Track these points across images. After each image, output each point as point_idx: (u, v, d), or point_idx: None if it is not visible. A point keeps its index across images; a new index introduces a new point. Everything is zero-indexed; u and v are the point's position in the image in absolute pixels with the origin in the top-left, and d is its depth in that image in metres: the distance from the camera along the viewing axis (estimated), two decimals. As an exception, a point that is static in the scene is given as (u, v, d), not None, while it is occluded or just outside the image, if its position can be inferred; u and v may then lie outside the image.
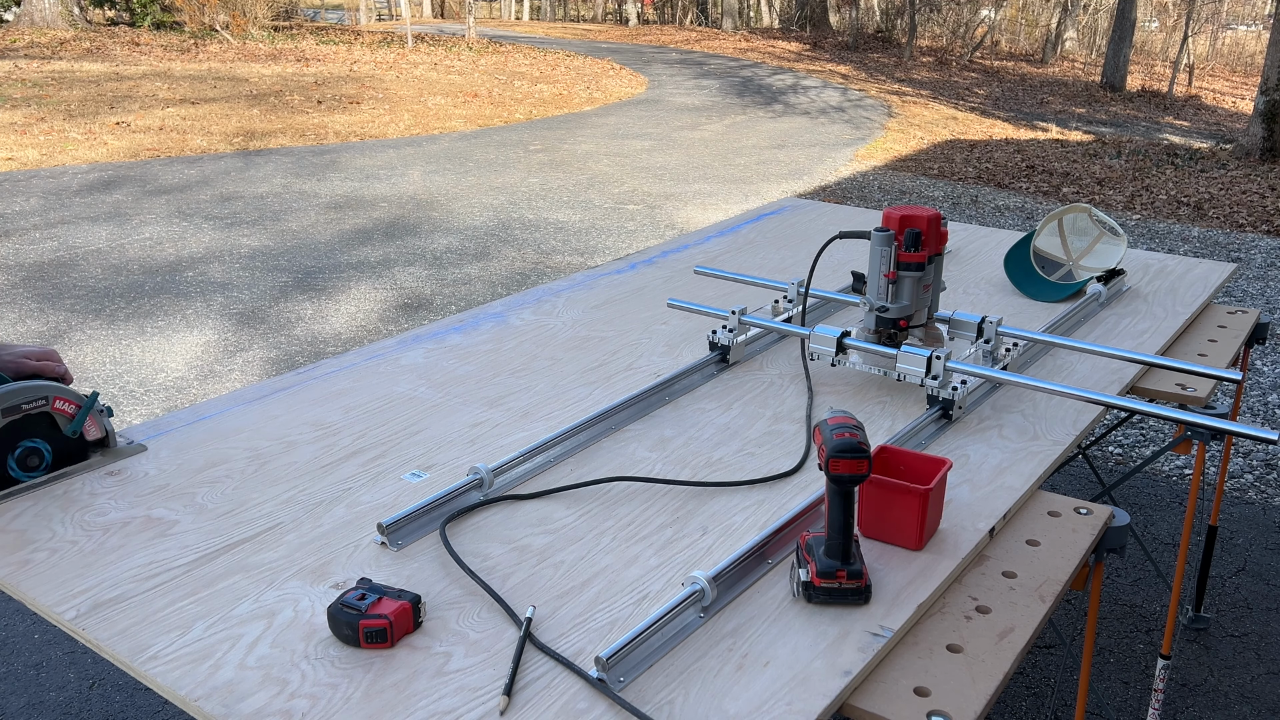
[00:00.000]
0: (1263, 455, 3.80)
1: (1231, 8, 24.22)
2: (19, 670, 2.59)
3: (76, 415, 1.62)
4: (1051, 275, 2.46)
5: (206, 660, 1.13)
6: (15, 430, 1.54)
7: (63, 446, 1.62)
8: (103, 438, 1.67)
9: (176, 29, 19.08)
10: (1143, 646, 2.70)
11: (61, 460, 1.62)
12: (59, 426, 1.61)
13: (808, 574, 1.22)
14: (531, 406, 1.80)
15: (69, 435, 1.61)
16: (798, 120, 12.64)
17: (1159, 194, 8.66)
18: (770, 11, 29.62)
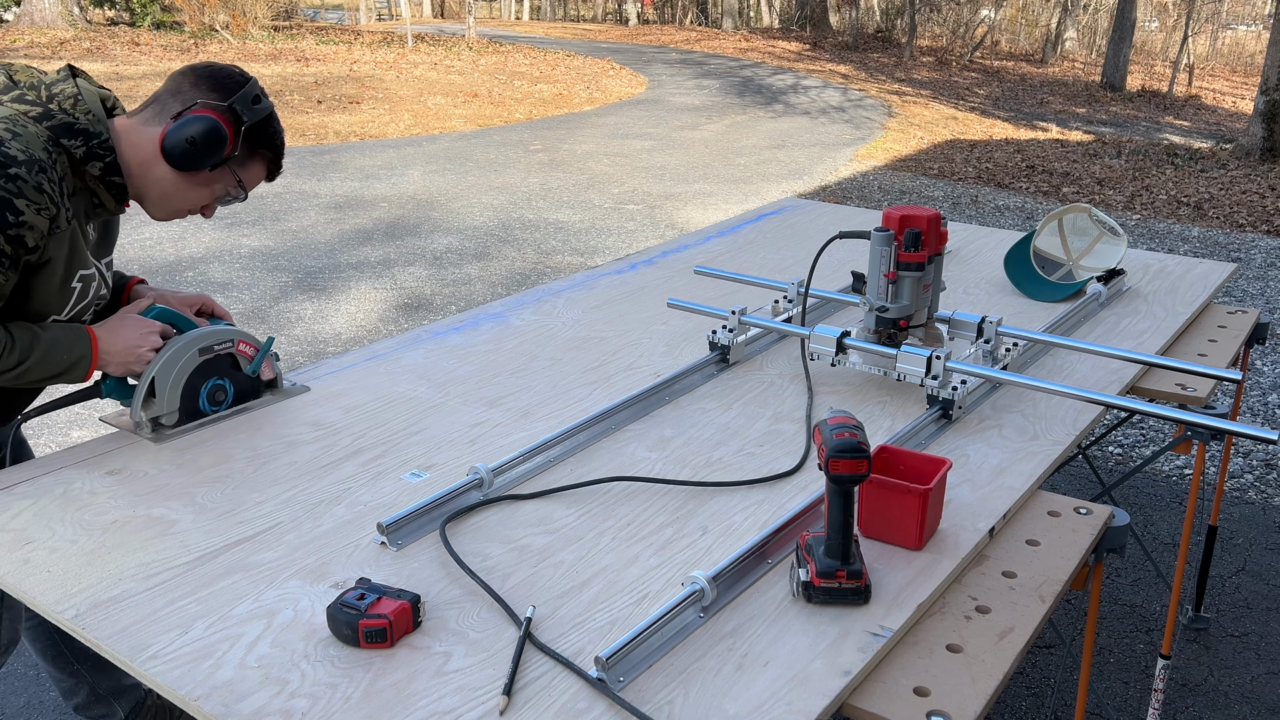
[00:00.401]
0: (1263, 455, 3.80)
1: (1231, 8, 24.24)
2: (19, 670, 2.58)
3: (255, 357, 1.82)
4: (1051, 275, 2.47)
5: (206, 659, 1.14)
6: (207, 368, 1.74)
7: (242, 385, 1.81)
8: (273, 379, 1.87)
9: (176, 29, 19.09)
10: (1143, 646, 2.70)
11: (240, 397, 1.81)
12: (239, 367, 1.80)
13: (807, 574, 1.22)
14: (531, 406, 1.80)
15: (249, 375, 1.81)
16: (798, 120, 12.64)
17: (1159, 194, 8.67)
18: (770, 11, 29.63)
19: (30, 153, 1.46)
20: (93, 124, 1.56)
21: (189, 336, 1.70)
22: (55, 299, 1.59)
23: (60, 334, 1.58)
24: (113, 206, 1.64)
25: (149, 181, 1.63)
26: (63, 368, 1.58)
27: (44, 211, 1.47)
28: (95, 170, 1.57)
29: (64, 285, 1.60)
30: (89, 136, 1.55)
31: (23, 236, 1.46)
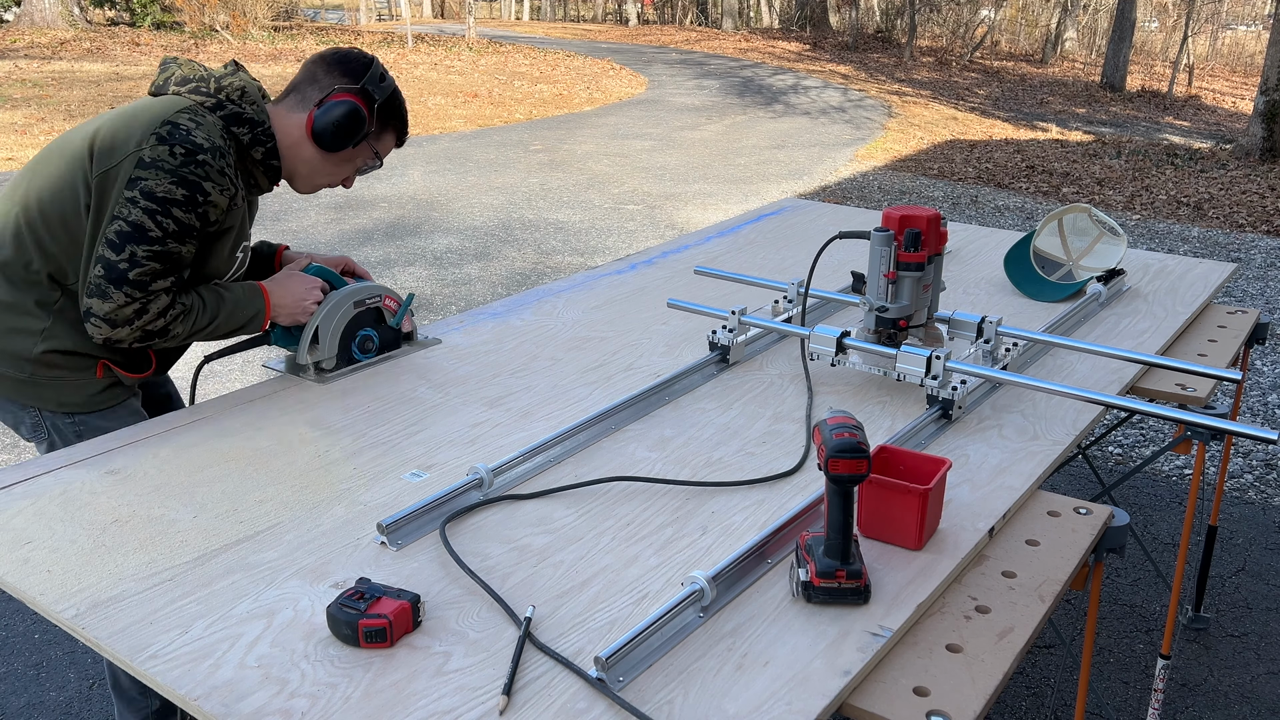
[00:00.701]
0: (1263, 455, 3.80)
1: (1231, 8, 24.23)
2: (19, 670, 2.59)
3: (398, 311, 2.04)
4: (1051, 275, 2.47)
5: (206, 659, 1.14)
6: (359, 319, 1.97)
7: (386, 335, 2.03)
8: (410, 332, 2.08)
9: (177, 29, 19.09)
10: (1143, 646, 2.70)
11: (384, 346, 2.04)
12: (384, 319, 2.02)
13: (807, 574, 1.22)
14: (531, 406, 1.80)
15: (392, 326, 2.04)
16: (798, 120, 12.64)
17: (1159, 194, 8.67)
18: (770, 12, 29.63)
19: (212, 140, 1.69)
20: (256, 113, 1.79)
21: (345, 291, 1.95)
22: (224, 265, 1.85)
23: (240, 292, 1.84)
24: (266, 186, 1.88)
25: (298, 162, 1.87)
26: (244, 321, 1.84)
27: (225, 191, 1.71)
28: (258, 154, 1.81)
29: (231, 254, 1.85)
30: (254, 125, 1.78)
31: (207, 213, 1.70)
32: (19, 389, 1.77)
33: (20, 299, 1.73)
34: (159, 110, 1.69)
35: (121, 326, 1.68)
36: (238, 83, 1.78)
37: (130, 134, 1.67)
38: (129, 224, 1.64)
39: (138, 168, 1.64)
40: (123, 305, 1.66)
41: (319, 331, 1.91)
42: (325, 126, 1.81)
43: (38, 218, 1.71)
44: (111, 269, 1.64)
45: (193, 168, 1.65)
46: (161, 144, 1.65)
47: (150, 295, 1.68)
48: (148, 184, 1.64)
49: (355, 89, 1.83)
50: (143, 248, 1.65)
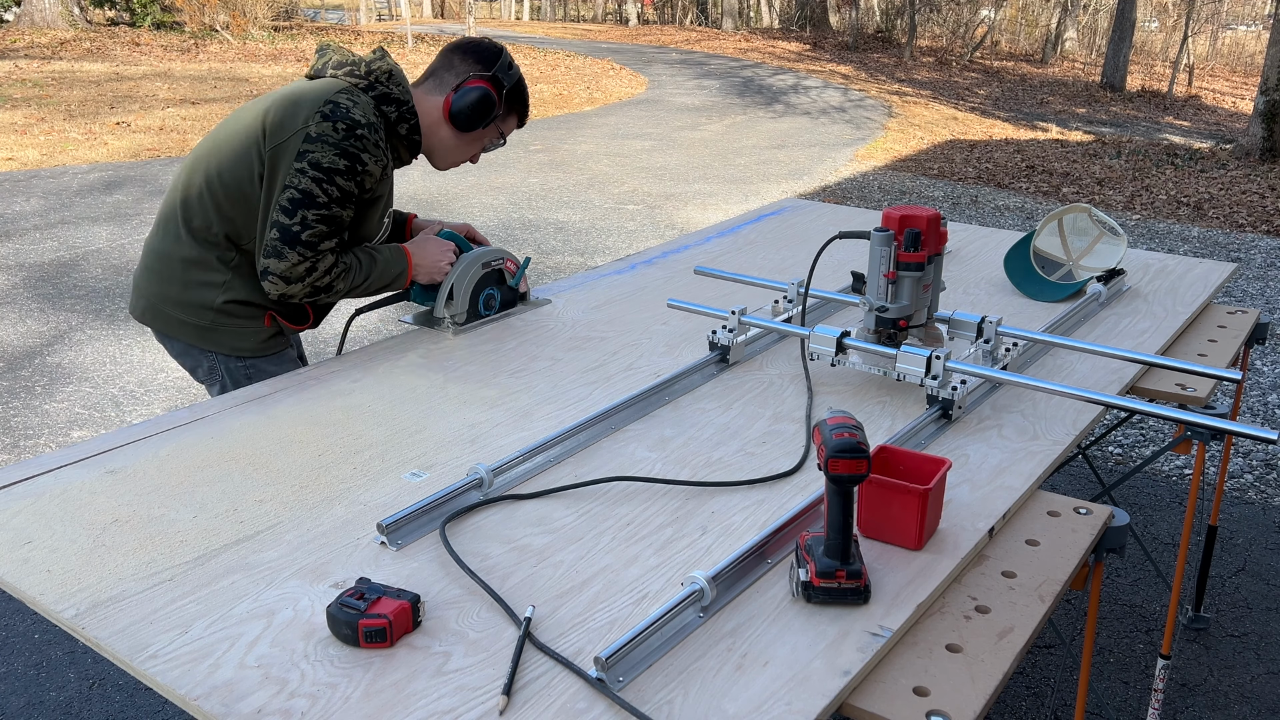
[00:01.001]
0: (1263, 455, 3.80)
1: (1231, 8, 24.23)
2: (19, 670, 2.59)
3: (517, 272, 2.28)
4: (1051, 275, 2.46)
5: (206, 659, 1.13)
6: (485, 279, 2.20)
7: (506, 295, 2.28)
8: (525, 292, 2.33)
9: (177, 29, 19.08)
10: (1143, 646, 2.70)
11: (504, 305, 2.28)
12: (505, 280, 2.26)
13: (807, 574, 1.22)
14: (531, 406, 1.80)
15: (511, 286, 2.28)
16: (798, 120, 12.64)
17: (1159, 194, 8.67)
18: (770, 12, 29.62)
19: (367, 117, 1.92)
20: (402, 94, 2.02)
21: (474, 254, 2.19)
22: (374, 229, 2.09)
23: (388, 254, 2.08)
24: (407, 159, 2.12)
25: (435, 140, 2.10)
26: (392, 278, 2.08)
27: (378, 162, 1.95)
28: (402, 130, 2.04)
29: (380, 219, 2.09)
30: (400, 104, 2.01)
31: (364, 181, 1.94)
32: (200, 335, 2.04)
33: (204, 256, 2.00)
34: (321, 91, 1.92)
35: (295, 283, 1.93)
36: (385, 66, 2.01)
37: (297, 113, 1.90)
38: (299, 191, 1.88)
39: (305, 142, 1.88)
40: (296, 264, 1.91)
41: (453, 289, 2.15)
42: (461, 110, 2.04)
43: (218, 186, 1.95)
44: (285, 231, 1.89)
45: (352, 141, 1.89)
46: (325, 121, 1.88)
47: (319, 254, 1.93)
48: (314, 156, 1.88)
49: (487, 76, 2.06)
50: (312, 212, 1.89)
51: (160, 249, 2.04)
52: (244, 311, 2.03)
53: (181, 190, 2.01)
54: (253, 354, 2.07)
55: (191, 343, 2.06)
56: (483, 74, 2.05)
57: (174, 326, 2.06)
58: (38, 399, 4.14)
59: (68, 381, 4.31)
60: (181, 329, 2.05)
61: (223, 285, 2.00)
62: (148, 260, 2.07)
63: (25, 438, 3.79)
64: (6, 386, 4.25)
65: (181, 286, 2.02)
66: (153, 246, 2.06)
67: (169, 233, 2.03)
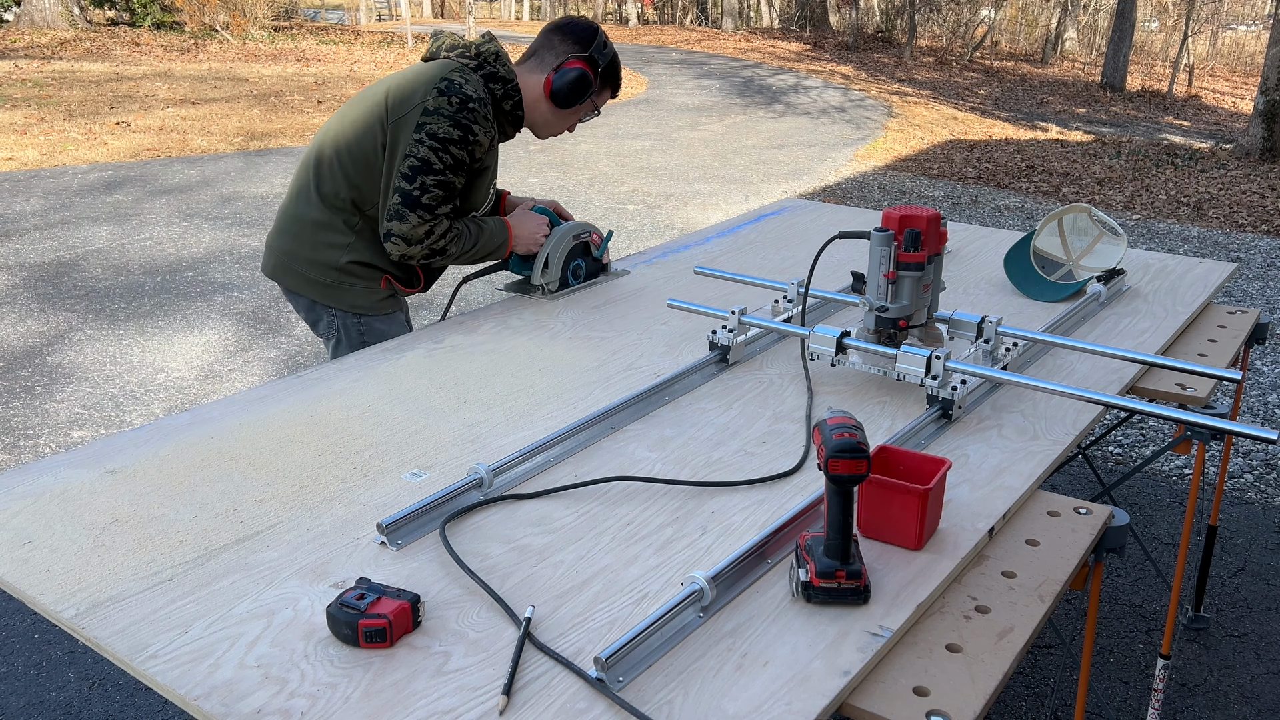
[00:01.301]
0: (1263, 455, 3.80)
1: (1231, 8, 24.23)
2: (19, 670, 2.59)
3: (601, 245, 2.49)
4: (1051, 275, 2.46)
5: (206, 659, 1.13)
6: (574, 250, 2.42)
7: (590, 266, 2.49)
8: (606, 264, 2.54)
9: (177, 29, 19.08)
10: (1143, 646, 2.70)
11: (589, 275, 2.50)
12: (589, 252, 2.47)
13: (807, 574, 1.22)
14: (531, 406, 1.80)
15: (596, 258, 2.49)
16: (799, 120, 12.64)
17: (1159, 194, 8.67)
18: (770, 11, 29.62)
19: (478, 93, 2.13)
20: (508, 74, 2.21)
21: (566, 227, 2.39)
22: (480, 199, 2.29)
23: (492, 224, 2.28)
24: (510, 133, 2.31)
25: (537, 114, 2.30)
26: (495, 247, 2.29)
27: (487, 134, 2.15)
28: (507, 106, 2.23)
29: (486, 190, 2.30)
30: (506, 83, 2.21)
31: (474, 151, 2.14)
32: (323, 292, 2.26)
33: (331, 219, 2.21)
34: (436, 70, 2.13)
35: (415, 244, 2.13)
36: (492, 49, 2.21)
37: (416, 89, 2.11)
38: (418, 160, 2.09)
39: (423, 115, 2.09)
40: (416, 226, 2.11)
41: (548, 259, 2.36)
42: (561, 87, 2.23)
43: (345, 156, 2.17)
44: (406, 196, 2.10)
45: (465, 114, 2.10)
46: (441, 96, 2.09)
47: (436, 218, 2.13)
48: (431, 127, 2.08)
49: (585, 56, 2.24)
50: (430, 178, 2.10)
51: (293, 212, 2.27)
52: (364, 272, 2.25)
53: (314, 160, 2.24)
54: (368, 312, 2.28)
55: (315, 299, 2.27)
56: (580, 54, 2.24)
57: (301, 283, 2.28)
58: (38, 399, 4.14)
59: (68, 381, 4.31)
60: (308, 285, 2.27)
61: (346, 247, 2.22)
62: (281, 223, 2.30)
63: (25, 438, 3.79)
64: (6, 386, 4.25)
65: (310, 247, 2.24)
66: (286, 210, 2.30)
67: (301, 198, 2.25)
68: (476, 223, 2.25)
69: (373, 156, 2.15)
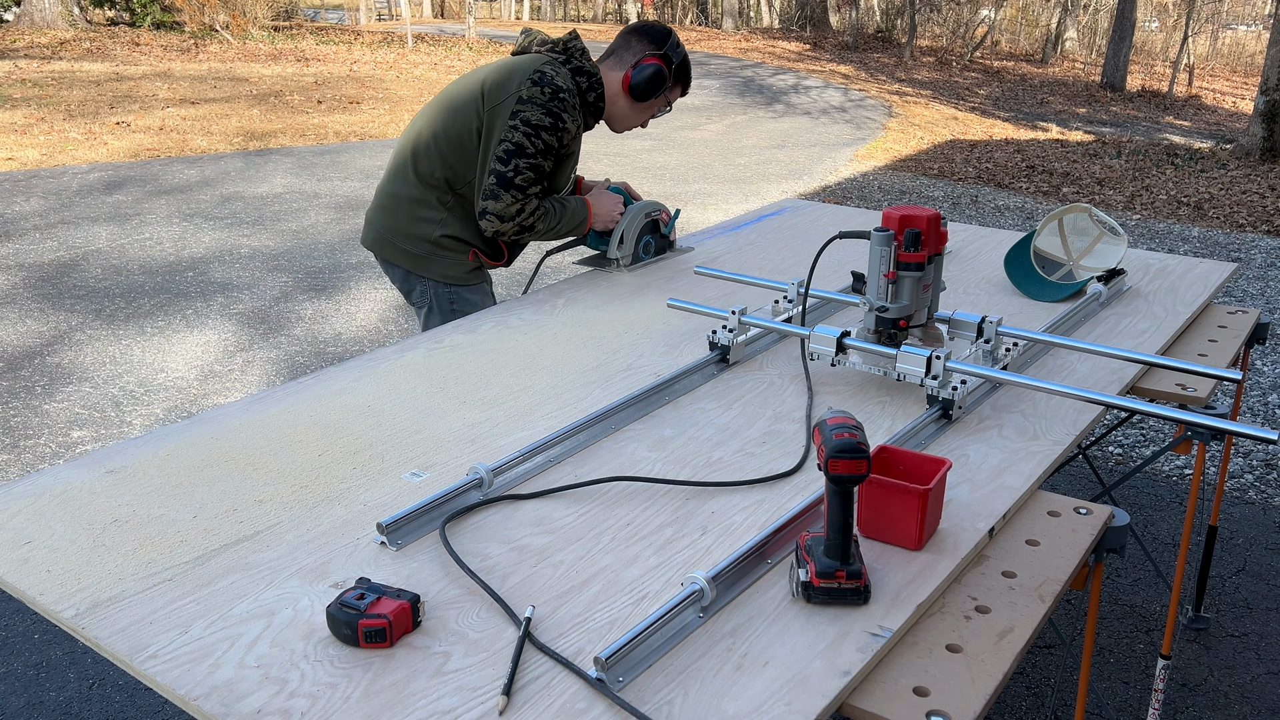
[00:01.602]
0: (1263, 455, 3.80)
1: (1231, 8, 24.22)
2: (19, 670, 2.59)
3: (669, 223, 2.71)
4: (1052, 275, 2.46)
5: (206, 659, 1.13)
6: (646, 227, 2.64)
7: (659, 242, 2.71)
8: (673, 240, 2.76)
9: (177, 29, 19.08)
10: (1143, 646, 2.70)
11: (658, 250, 2.72)
12: (658, 229, 2.69)
13: (807, 574, 1.22)
14: (531, 406, 1.80)
15: (664, 235, 2.71)
16: (799, 120, 12.64)
17: (1159, 194, 8.67)
18: (770, 11, 29.61)
19: (567, 84, 2.33)
20: (592, 68, 2.42)
21: (639, 205, 2.62)
22: (563, 182, 2.50)
23: (573, 203, 2.49)
24: (590, 124, 2.50)
25: (615, 108, 2.49)
26: (576, 224, 2.50)
27: (574, 122, 2.36)
28: (590, 98, 2.43)
29: (568, 174, 2.51)
30: (590, 76, 2.41)
31: (562, 137, 2.34)
32: (418, 263, 2.47)
33: (427, 196, 2.43)
34: (530, 62, 2.34)
35: (508, 221, 2.34)
36: (578, 45, 2.42)
37: (511, 79, 2.31)
38: (513, 144, 2.29)
39: (518, 103, 2.29)
40: (509, 204, 2.32)
41: (623, 235, 2.57)
42: (638, 83, 2.42)
43: (442, 139, 2.38)
44: (501, 177, 2.30)
45: (556, 103, 2.29)
46: (534, 86, 2.29)
47: (527, 197, 2.33)
48: (525, 114, 2.28)
49: (660, 54, 2.44)
50: (523, 161, 2.30)
51: (391, 190, 2.48)
52: (455, 245, 2.46)
53: (412, 142, 2.44)
54: (458, 282, 2.50)
55: (410, 269, 2.49)
56: (655, 52, 2.43)
57: (397, 255, 2.49)
58: (38, 399, 4.14)
59: (68, 381, 4.31)
60: (404, 257, 2.48)
61: (440, 221, 2.43)
62: (380, 200, 2.51)
63: (25, 438, 3.79)
64: (6, 386, 4.25)
65: (407, 221, 2.46)
66: (385, 188, 2.51)
67: (399, 177, 2.46)
68: (560, 201, 2.45)
69: (466, 140, 2.35)
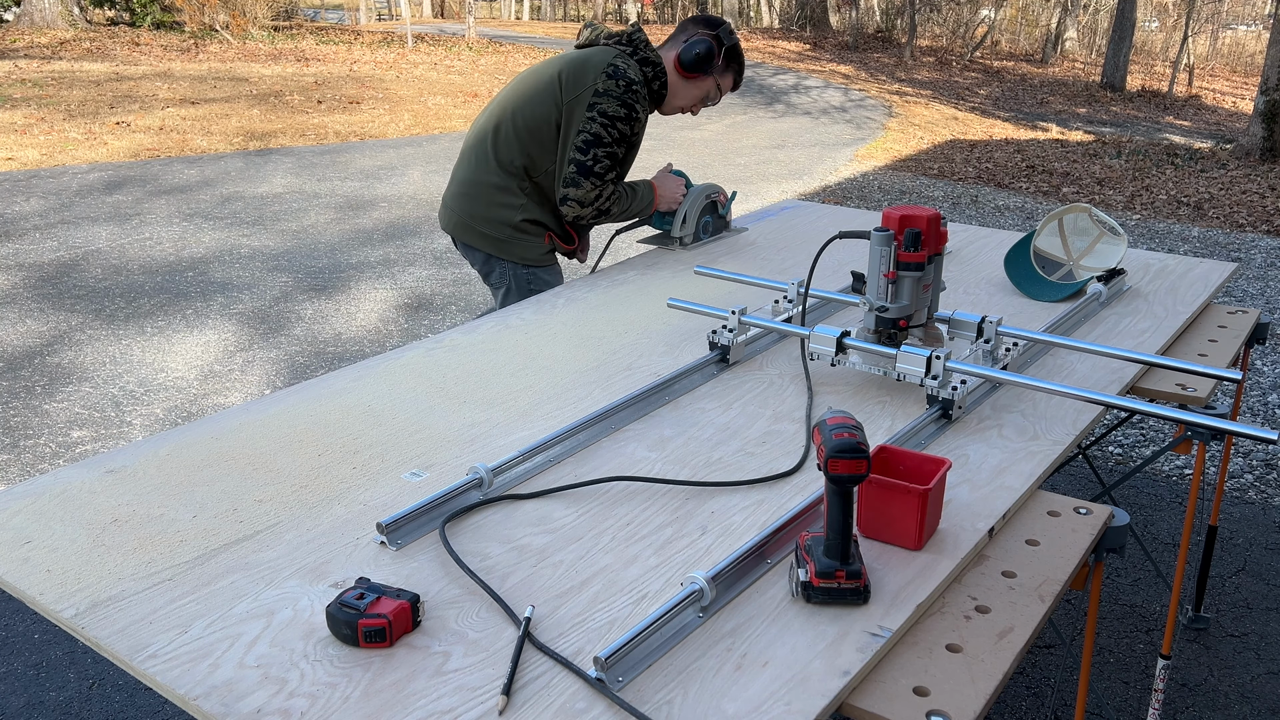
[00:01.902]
0: (1263, 455, 3.80)
1: (1231, 8, 24.23)
2: (19, 670, 2.59)
3: (726, 204, 2.90)
4: (1052, 275, 2.46)
5: (205, 659, 1.13)
6: (705, 208, 2.83)
7: (716, 223, 2.90)
8: (729, 221, 2.95)
9: (177, 29, 19.08)
10: (1143, 646, 2.70)
11: (716, 230, 2.91)
12: (717, 210, 2.89)
13: (806, 574, 1.22)
14: (531, 406, 1.80)
15: (721, 216, 2.91)
16: (799, 120, 12.64)
17: (1159, 194, 8.67)
18: (770, 11, 29.61)
19: (638, 76, 2.50)
20: (656, 58, 2.58)
21: (700, 187, 2.82)
22: (628, 168, 2.69)
23: (641, 187, 2.70)
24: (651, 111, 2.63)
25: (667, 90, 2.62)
26: (644, 207, 2.71)
27: (644, 111, 2.55)
28: (655, 86, 2.59)
29: (634, 158, 2.67)
30: (654, 65, 2.57)
31: (633, 127, 2.53)
32: (498, 245, 2.63)
33: (507, 183, 2.58)
34: (603, 56, 2.49)
35: (587, 207, 2.53)
36: (642, 37, 2.58)
37: (587, 73, 2.48)
38: (591, 134, 2.47)
39: (594, 96, 2.46)
40: (589, 191, 2.51)
41: (686, 215, 2.76)
42: (688, 54, 2.57)
43: (522, 127, 2.53)
44: (581, 166, 2.49)
45: (630, 95, 2.47)
46: (610, 79, 2.46)
47: (605, 184, 2.53)
48: (602, 106, 2.46)
49: (711, 34, 2.60)
50: (601, 150, 2.48)
51: (472, 178, 2.63)
52: (532, 229, 2.62)
53: (491, 130, 2.59)
54: (535, 264, 2.66)
55: (491, 252, 2.65)
56: (708, 33, 2.61)
57: (477, 238, 2.65)
58: (38, 399, 4.14)
59: (68, 381, 4.31)
60: (485, 241, 2.64)
61: (520, 207, 2.59)
62: (460, 187, 2.66)
63: (25, 438, 3.79)
64: (6, 386, 4.25)
65: (487, 206, 2.60)
66: (465, 176, 2.65)
67: (480, 164, 2.61)
68: (630, 185, 2.66)
69: (544, 130, 2.51)
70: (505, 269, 2.65)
